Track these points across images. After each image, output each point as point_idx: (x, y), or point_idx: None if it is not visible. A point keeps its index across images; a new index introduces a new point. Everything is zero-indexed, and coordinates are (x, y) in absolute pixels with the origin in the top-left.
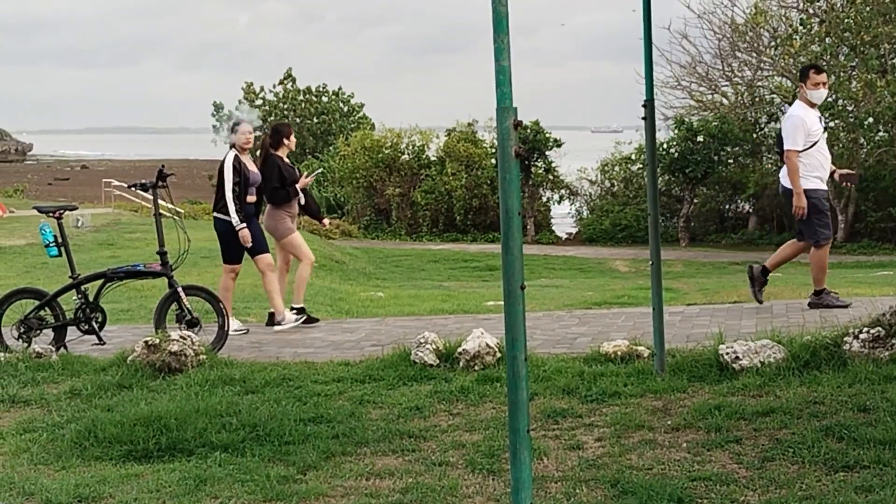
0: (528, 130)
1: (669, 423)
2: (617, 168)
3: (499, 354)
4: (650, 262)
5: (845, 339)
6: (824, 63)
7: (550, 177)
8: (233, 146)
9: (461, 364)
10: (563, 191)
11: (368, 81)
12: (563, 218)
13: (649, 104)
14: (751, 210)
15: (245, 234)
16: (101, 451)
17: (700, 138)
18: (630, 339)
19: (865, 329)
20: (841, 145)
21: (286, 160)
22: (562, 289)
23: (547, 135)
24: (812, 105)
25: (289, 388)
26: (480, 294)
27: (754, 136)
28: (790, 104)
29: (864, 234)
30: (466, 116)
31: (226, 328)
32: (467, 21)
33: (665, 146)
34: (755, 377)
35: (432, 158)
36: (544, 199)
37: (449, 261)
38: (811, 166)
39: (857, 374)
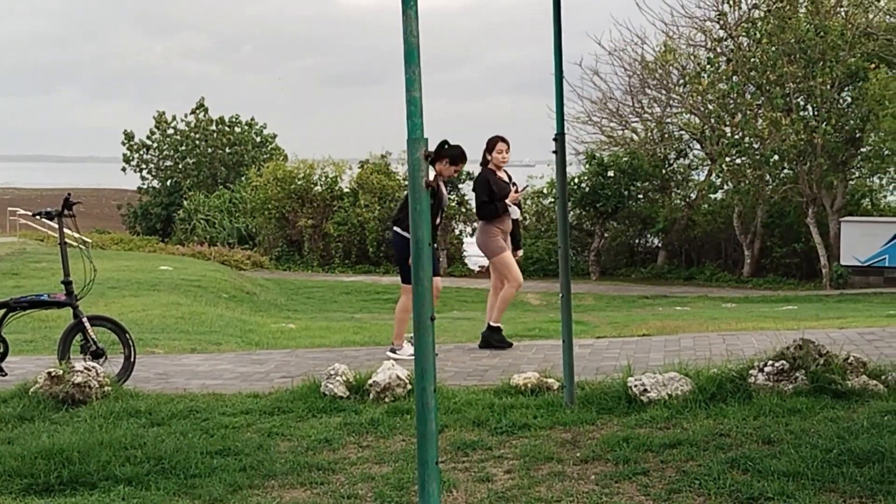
0: None
1: (578, 455)
2: (529, 202)
3: (409, 386)
4: (560, 295)
5: (751, 372)
6: (731, 101)
7: (463, 210)
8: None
9: (371, 396)
10: (475, 224)
11: (285, 113)
12: (476, 251)
13: (560, 138)
14: (660, 245)
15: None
16: (1, 484)
17: (610, 173)
18: (540, 372)
19: (770, 362)
20: (747, 182)
21: (499, 174)
22: (474, 321)
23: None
24: None
25: (196, 421)
26: (392, 326)
27: (663, 171)
28: (697, 140)
29: (770, 270)
30: (381, 148)
31: (132, 359)
32: (385, 53)
33: (576, 181)
34: (663, 409)
35: (345, 190)
36: (457, 232)
37: (361, 293)
38: None
39: (762, 406)
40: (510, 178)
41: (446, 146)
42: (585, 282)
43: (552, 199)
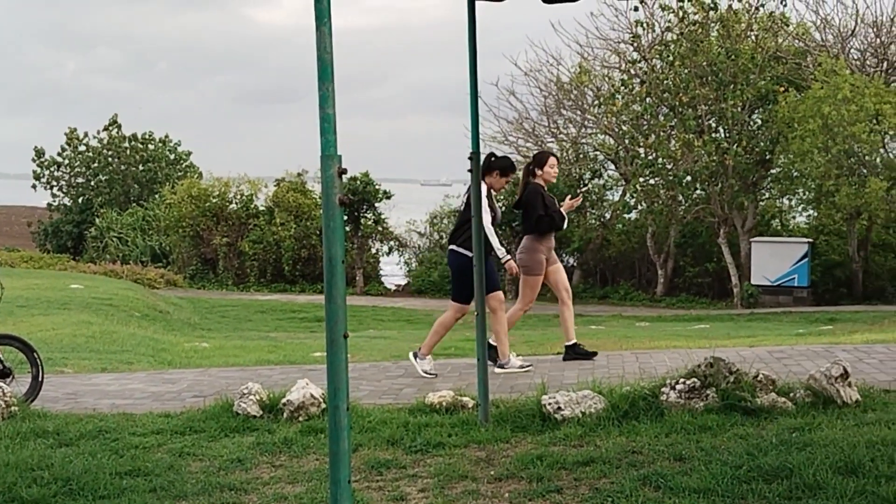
0: (359, 182)
1: (492, 473)
2: (445, 220)
3: (323, 405)
4: (476, 314)
5: (663, 389)
6: (645, 123)
7: (380, 228)
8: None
9: (285, 415)
10: (392, 242)
11: (200, 130)
12: (393, 269)
13: (475, 157)
14: (575, 264)
15: (511, 266)
16: None
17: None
18: (455, 390)
19: (682, 380)
20: (661, 202)
21: (546, 190)
22: (390, 340)
23: (377, 186)
24: None
25: (105, 441)
26: (307, 345)
27: (578, 191)
28: (612, 161)
29: (683, 289)
30: (297, 167)
31: (40, 378)
32: (302, 71)
33: None
34: (576, 427)
35: (261, 208)
36: (373, 251)
37: (277, 311)
38: None
39: (674, 423)
40: (553, 197)
41: (493, 158)
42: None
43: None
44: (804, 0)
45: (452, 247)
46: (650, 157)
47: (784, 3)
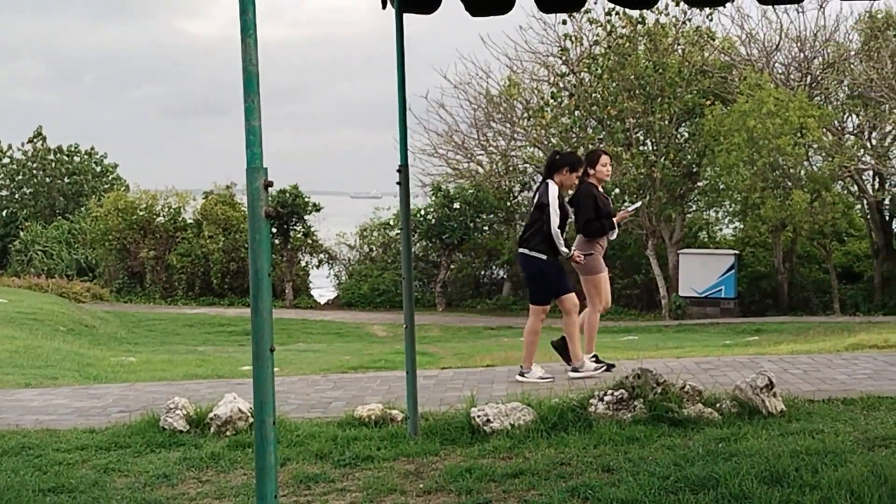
0: (288, 195)
1: (421, 486)
2: (375, 233)
3: (251, 419)
4: (405, 326)
5: (591, 401)
6: (573, 135)
7: (309, 241)
8: (550, 178)
9: (212, 430)
10: (321, 255)
11: (127, 143)
12: (322, 282)
13: (404, 169)
14: (505, 276)
15: (575, 256)
16: None
17: (456, 205)
18: (384, 403)
19: (610, 392)
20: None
21: (601, 189)
22: (319, 353)
23: (306, 199)
24: None
25: (28, 457)
26: (236, 358)
27: (508, 204)
28: (542, 174)
29: (612, 301)
30: (226, 179)
31: None
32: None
33: (423, 212)
34: (506, 439)
35: (189, 221)
36: (303, 264)
37: (205, 325)
38: None
39: (602, 435)
40: (608, 194)
41: (558, 156)
42: (432, 313)
43: (399, 231)
44: (729, 15)
45: (522, 250)
46: None
47: (710, 17)
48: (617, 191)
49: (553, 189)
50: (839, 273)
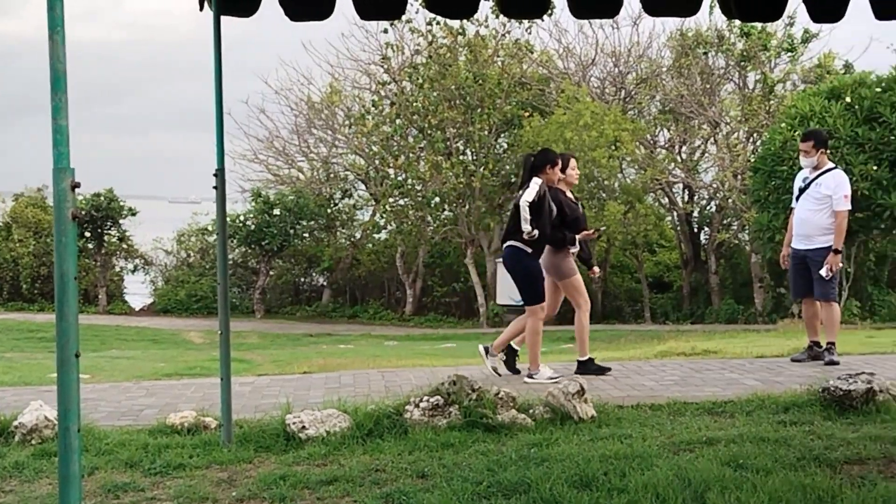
0: (102, 198)
1: (234, 494)
2: (193, 239)
3: (58, 427)
4: (220, 333)
5: (407, 407)
6: (395, 144)
7: (124, 246)
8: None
9: (17, 438)
10: (137, 260)
11: None
12: (138, 288)
13: (220, 173)
14: (325, 283)
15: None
16: None
17: (277, 211)
18: (198, 411)
19: (426, 398)
20: (410, 223)
21: (568, 194)
22: (133, 360)
23: (122, 203)
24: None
25: None
26: (45, 365)
27: (329, 210)
28: (362, 181)
29: (431, 308)
30: (38, 181)
31: None
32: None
33: (242, 218)
34: (321, 446)
35: None
36: (118, 269)
37: (13, 331)
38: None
39: (418, 441)
40: (577, 199)
41: (533, 157)
42: (251, 320)
43: (217, 236)
44: (547, 29)
45: (513, 242)
46: (400, 178)
47: (529, 31)
48: (437, 199)
49: (535, 186)
50: (650, 283)
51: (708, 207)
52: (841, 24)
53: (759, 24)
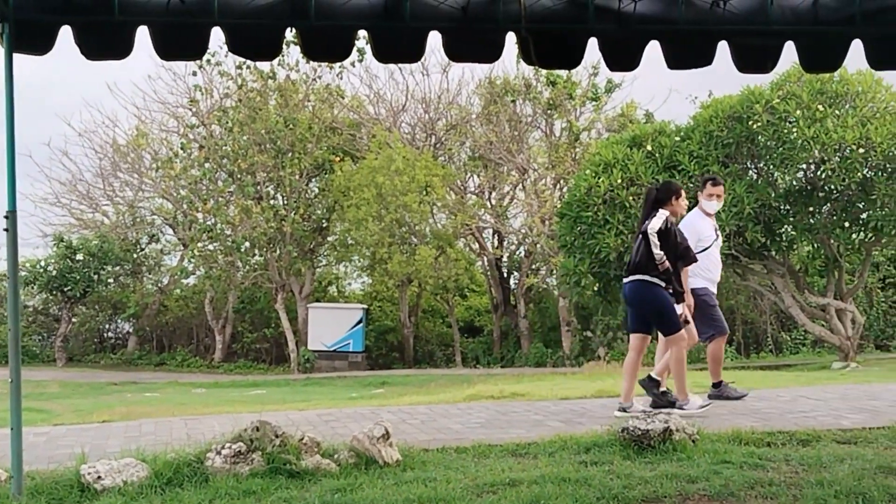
0: None
1: None
2: None
3: None
4: (10, 381)
5: (208, 455)
6: (203, 188)
7: None
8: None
9: None
10: None
11: None
12: None
13: (12, 215)
14: (131, 330)
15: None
16: None
17: (80, 256)
18: None
19: (228, 445)
20: (219, 268)
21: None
22: None
23: None
24: (707, 214)
25: None
26: None
27: (135, 256)
28: (170, 225)
29: (241, 355)
30: None
31: None
32: None
33: (43, 264)
34: (117, 497)
35: None
36: None
37: None
38: (702, 268)
39: (219, 489)
40: None
41: (657, 189)
42: (52, 368)
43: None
44: (358, 75)
45: (644, 277)
46: (209, 223)
47: (340, 76)
48: (247, 244)
49: (660, 219)
50: (461, 327)
51: (517, 252)
52: (643, 75)
53: (564, 74)
